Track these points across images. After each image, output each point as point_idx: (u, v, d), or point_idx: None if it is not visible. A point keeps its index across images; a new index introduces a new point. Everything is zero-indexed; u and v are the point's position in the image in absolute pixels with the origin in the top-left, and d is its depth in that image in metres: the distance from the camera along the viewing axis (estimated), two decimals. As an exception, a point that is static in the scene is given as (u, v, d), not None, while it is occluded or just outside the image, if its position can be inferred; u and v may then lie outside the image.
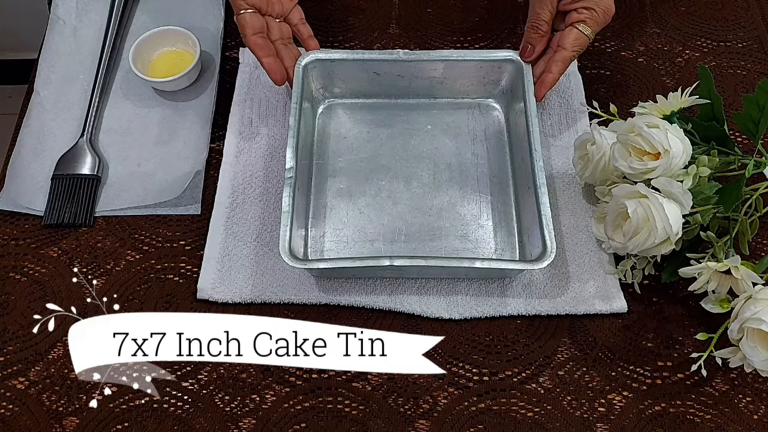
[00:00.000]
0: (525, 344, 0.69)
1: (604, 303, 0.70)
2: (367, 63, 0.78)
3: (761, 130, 0.68)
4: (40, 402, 0.66)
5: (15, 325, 0.69)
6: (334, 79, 0.80)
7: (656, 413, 0.66)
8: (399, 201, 0.76)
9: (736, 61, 0.87)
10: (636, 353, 0.69)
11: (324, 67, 0.79)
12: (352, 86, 0.81)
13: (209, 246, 0.73)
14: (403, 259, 0.66)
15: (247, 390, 0.67)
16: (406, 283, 0.71)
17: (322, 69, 0.79)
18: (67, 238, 0.74)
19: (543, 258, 0.66)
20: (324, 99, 0.82)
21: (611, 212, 0.67)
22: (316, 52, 0.78)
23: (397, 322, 0.70)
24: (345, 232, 0.74)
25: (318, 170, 0.78)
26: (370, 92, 0.81)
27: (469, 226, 0.74)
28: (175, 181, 0.77)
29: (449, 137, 0.80)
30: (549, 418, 0.66)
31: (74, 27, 0.88)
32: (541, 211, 0.68)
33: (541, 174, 0.70)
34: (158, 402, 0.66)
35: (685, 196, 0.63)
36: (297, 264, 0.65)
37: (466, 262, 0.68)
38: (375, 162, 0.78)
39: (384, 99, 0.82)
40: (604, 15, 0.73)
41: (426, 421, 0.66)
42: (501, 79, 0.80)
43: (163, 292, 0.71)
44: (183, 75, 0.80)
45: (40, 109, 0.82)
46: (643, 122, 0.65)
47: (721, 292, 0.64)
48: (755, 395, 0.67)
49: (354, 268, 0.69)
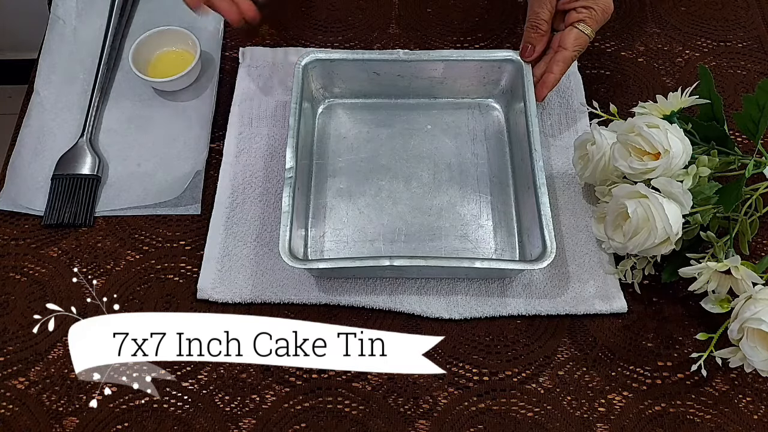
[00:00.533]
0: (525, 344, 0.69)
1: (604, 303, 0.70)
2: (367, 63, 0.78)
3: (761, 130, 0.68)
4: (40, 402, 0.66)
5: (15, 325, 0.69)
6: (334, 79, 0.80)
7: (656, 413, 0.66)
8: (399, 201, 0.76)
9: (736, 61, 0.87)
10: (636, 353, 0.69)
11: (324, 67, 0.79)
12: (352, 86, 0.81)
13: (209, 246, 0.73)
14: (403, 259, 0.66)
15: (247, 390, 0.67)
16: (405, 283, 0.71)
17: (322, 69, 0.79)
18: (67, 238, 0.74)
19: (543, 258, 0.66)
20: (324, 99, 0.82)
21: (611, 212, 0.67)
22: (316, 52, 0.78)
23: (397, 322, 0.70)
24: (345, 232, 0.74)
25: (318, 170, 0.78)
26: (370, 92, 0.81)
27: (469, 226, 0.74)
28: (175, 181, 0.77)
29: (449, 137, 0.80)
30: (549, 418, 0.66)
31: (74, 27, 0.88)
32: (541, 211, 0.68)
33: (541, 174, 0.70)
34: (158, 402, 0.66)
35: (685, 196, 0.63)
36: (297, 264, 0.65)
37: (466, 262, 0.68)
38: (375, 162, 0.78)
39: (384, 99, 0.82)
40: (603, 13, 0.73)
41: (426, 421, 0.66)
42: (501, 79, 0.80)
43: (163, 292, 0.71)
44: (183, 75, 0.80)
45: (40, 109, 0.82)
46: (643, 122, 0.65)
47: (721, 292, 0.64)
48: (755, 395, 0.67)
49: (354, 268, 0.69)
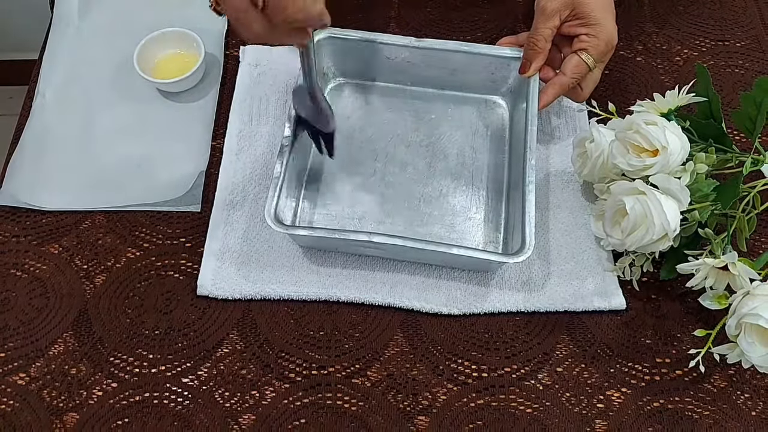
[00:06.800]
0: (524, 341, 0.70)
1: (602, 300, 0.71)
2: (379, 45, 0.79)
3: (758, 128, 0.69)
4: (41, 398, 0.66)
5: (16, 322, 0.70)
6: (346, 59, 0.81)
7: (654, 409, 0.66)
8: (392, 184, 0.77)
9: (734, 60, 0.87)
10: (634, 350, 0.69)
11: (336, 46, 0.79)
12: (362, 68, 0.81)
13: (209, 243, 0.73)
14: (382, 237, 0.67)
15: (247, 386, 0.67)
16: (405, 279, 0.72)
17: (335, 47, 0.80)
18: (68, 235, 0.74)
19: (520, 253, 0.66)
20: (334, 77, 0.83)
21: (609, 209, 0.67)
22: (331, 30, 0.78)
23: (396, 318, 0.70)
24: (335, 207, 0.75)
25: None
26: (380, 76, 0.82)
27: (458, 217, 0.75)
28: (177, 182, 0.77)
29: (451, 129, 0.81)
30: (548, 414, 0.66)
31: (77, 27, 0.88)
32: (526, 208, 0.68)
33: (531, 172, 0.70)
34: (158, 398, 0.66)
35: (683, 192, 0.63)
36: (279, 228, 0.67)
37: (443, 247, 0.68)
38: (374, 144, 0.79)
39: (393, 84, 0.83)
40: (606, 45, 0.73)
41: (425, 417, 0.66)
42: (509, 77, 0.80)
43: (164, 288, 0.72)
44: (187, 76, 0.80)
45: (42, 110, 0.82)
46: (641, 119, 0.66)
47: (718, 289, 0.65)
48: (753, 391, 0.67)
49: (334, 239, 0.69)
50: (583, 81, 0.75)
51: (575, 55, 0.73)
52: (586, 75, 0.74)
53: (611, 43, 0.73)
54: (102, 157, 0.79)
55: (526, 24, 0.88)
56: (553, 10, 0.72)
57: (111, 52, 0.85)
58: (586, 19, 0.72)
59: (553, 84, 0.74)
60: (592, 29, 0.73)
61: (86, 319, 0.70)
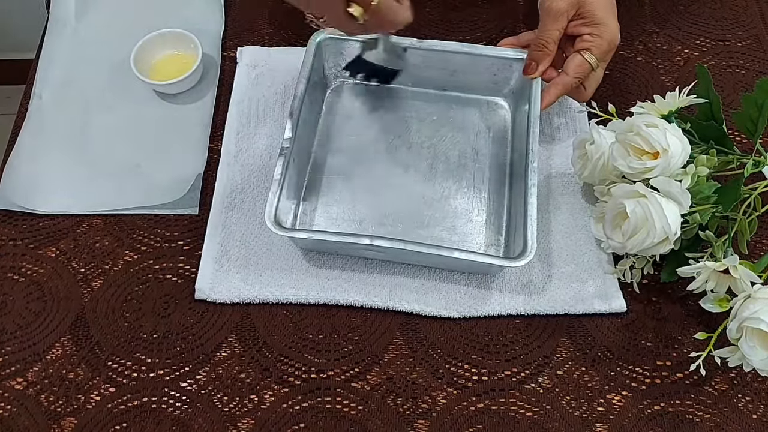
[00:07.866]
0: (524, 344, 0.69)
1: (603, 302, 0.70)
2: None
3: (760, 129, 0.68)
4: (39, 402, 0.66)
5: (13, 326, 0.69)
6: (348, 59, 0.80)
7: (655, 413, 0.66)
8: (393, 186, 0.76)
9: (735, 61, 0.87)
10: (635, 353, 0.69)
11: (338, 46, 0.79)
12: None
13: (207, 246, 0.73)
14: (383, 240, 0.66)
15: (246, 390, 0.67)
16: (405, 282, 0.71)
17: (336, 47, 0.79)
18: (65, 238, 0.74)
19: (522, 257, 0.66)
20: (335, 78, 0.83)
21: (610, 212, 0.67)
22: (332, 31, 0.78)
23: (395, 321, 0.70)
24: (335, 209, 0.75)
25: (319, 147, 0.78)
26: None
27: (459, 219, 0.74)
28: (175, 184, 0.77)
29: (453, 130, 0.80)
30: (548, 417, 0.66)
31: (74, 28, 0.88)
32: (528, 211, 0.68)
33: (533, 175, 0.69)
34: (156, 402, 0.66)
35: (684, 195, 0.63)
36: (279, 231, 0.66)
37: (445, 251, 0.67)
38: (376, 145, 0.79)
39: (395, 85, 0.82)
40: (609, 44, 0.72)
41: (425, 421, 0.65)
42: (511, 78, 0.80)
43: (162, 292, 0.71)
44: (185, 78, 0.80)
45: (38, 112, 0.81)
46: (641, 121, 0.65)
47: (719, 292, 0.64)
48: (754, 395, 0.67)
49: (335, 242, 0.69)
50: (585, 80, 0.74)
51: (578, 54, 0.73)
52: (588, 75, 0.74)
53: (614, 43, 0.73)
54: (99, 160, 0.78)
55: (526, 24, 0.88)
56: (560, 10, 0.72)
57: (108, 54, 0.85)
58: (590, 19, 0.72)
59: (555, 84, 0.74)
60: (595, 29, 0.72)
61: (84, 322, 0.69)
